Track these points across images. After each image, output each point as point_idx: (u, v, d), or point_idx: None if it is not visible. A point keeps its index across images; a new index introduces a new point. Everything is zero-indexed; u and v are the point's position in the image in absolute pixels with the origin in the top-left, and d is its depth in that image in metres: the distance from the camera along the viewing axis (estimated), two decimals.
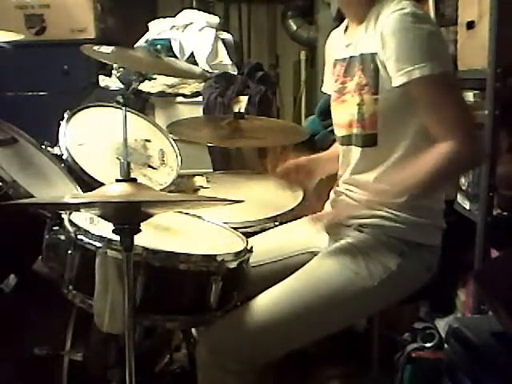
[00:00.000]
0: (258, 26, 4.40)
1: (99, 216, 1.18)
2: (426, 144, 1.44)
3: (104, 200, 1.14)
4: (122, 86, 2.95)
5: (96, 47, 2.02)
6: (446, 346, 1.75)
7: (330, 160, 1.78)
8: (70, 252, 1.39)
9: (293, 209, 1.88)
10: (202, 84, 2.95)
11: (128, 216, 1.14)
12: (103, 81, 3.14)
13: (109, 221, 1.15)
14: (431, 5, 2.24)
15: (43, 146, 1.89)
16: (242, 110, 2.61)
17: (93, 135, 1.95)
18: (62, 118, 1.93)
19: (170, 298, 1.37)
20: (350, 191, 1.57)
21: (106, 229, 1.25)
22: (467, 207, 1.97)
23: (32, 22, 3.32)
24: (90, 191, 1.34)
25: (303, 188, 1.96)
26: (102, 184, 1.58)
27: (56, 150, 1.89)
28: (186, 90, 2.97)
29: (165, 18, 3.34)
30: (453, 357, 1.66)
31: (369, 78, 1.45)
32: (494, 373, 1.48)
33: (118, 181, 1.17)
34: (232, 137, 2.04)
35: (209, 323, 1.43)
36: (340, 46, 1.60)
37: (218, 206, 1.65)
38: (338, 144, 1.63)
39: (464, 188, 1.99)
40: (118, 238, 1.15)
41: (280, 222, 1.79)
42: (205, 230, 1.65)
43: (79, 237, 1.37)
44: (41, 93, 3.32)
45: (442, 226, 1.55)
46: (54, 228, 1.49)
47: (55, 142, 1.89)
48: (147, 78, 2.90)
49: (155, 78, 2.96)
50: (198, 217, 1.69)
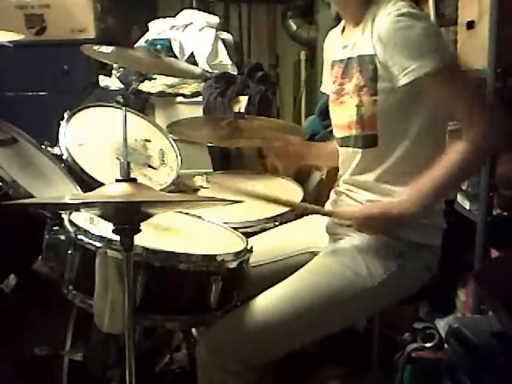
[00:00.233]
0: (258, 26, 4.40)
1: (99, 216, 1.18)
2: (426, 143, 1.45)
3: (104, 200, 1.14)
4: (122, 85, 2.95)
5: (96, 47, 2.02)
6: (446, 346, 1.75)
7: (324, 151, 1.80)
8: (69, 252, 1.39)
9: (293, 209, 1.88)
10: (202, 84, 2.94)
11: (128, 216, 1.14)
12: (103, 81, 3.13)
13: (109, 221, 1.15)
14: (431, 5, 2.24)
15: (43, 146, 1.89)
16: (242, 110, 2.61)
17: (93, 135, 1.95)
18: (62, 118, 1.93)
19: (170, 298, 1.37)
20: (350, 191, 1.57)
21: (106, 229, 1.25)
22: (467, 207, 1.97)
23: (32, 22, 3.32)
24: (90, 191, 1.34)
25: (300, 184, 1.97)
26: (102, 184, 1.58)
27: (56, 150, 1.89)
28: (186, 90, 2.97)
29: (165, 17, 3.34)
30: (453, 357, 1.66)
31: (367, 80, 1.46)
32: (493, 373, 1.48)
33: (118, 181, 1.17)
34: (232, 137, 2.03)
35: (209, 323, 1.43)
36: (337, 46, 1.60)
37: (218, 206, 1.65)
38: (337, 145, 1.63)
39: (464, 188, 1.99)
40: (117, 238, 1.15)
41: (280, 222, 1.79)
42: (205, 230, 1.65)
43: (79, 237, 1.37)
44: (41, 93, 3.32)
45: (442, 225, 1.55)
46: (54, 228, 1.49)
47: (55, 142, 1.89)
48: (147, 78, 2.90)
49: (155, 78, 2.95)
50: (198, 217, 1.69)
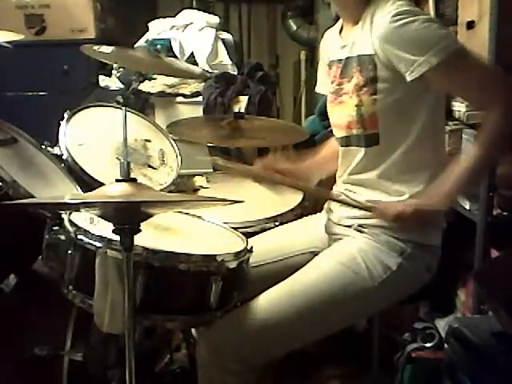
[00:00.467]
0: (258, 26, 4.39)
1: (99, 216, 1.18)
2: (428, 140, 1.46)
3: (104, 200, 1.14)
4: (122, 85, 2.94)
5: (96, 47, 2.02)
6: (446, 345, 1.75)
7: (324, 163, 1.76)
8: (70, 252, 1.39)
9: (293, 209, 1.89)
10: (202, 84, 2.94)
11: (128, 216, 1.14)
12: (103, 81, 3.13)
13: (109, 221, 1.15)
14: (431, 5, 2.24)
15: (43, 146, 1.89)
16: (242, 110, 2.61)
17: (93, 135, 1.95)
18: (62, 118, 1.93)
19: (169, 297, 1.37)
20: (349, 191, 1.57)
21: (106, 229, 1.25)
22: (467, 207, 1.97)
23: (32, 22, 3.32)
24: (90, 191, 1.34)
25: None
26: (102, 184, 1.58)
27: (56, 150, 1.89)
28: (186, 90, 2.97)
29: (165, 18, 3.34)
30: (453, 357, 1.66)
31: (367, 79, 1.45)
32: (494, 373, 1.48)
33: (118, 181, 1.17)
34: (232, 137, 2.04)
35: (209, 323, 1.43)
36: (335, 46, 1.59)
37: (218, 206, 1.65)
38: (338, 145, 1.63)
39: None
40: (117, 238, 1.15)
41: (280, 222, 1.79)
42: (205, 230, 1.65)
43: (79, 237, 1.37)
44: (41, 93, 3.32)
45: (442, 225, 1.55)
46: (54, 228, 1.49)
47: (55, 142, 1.89)
48: (147, 78, 2.90)
49: (155, 78, 2.95)
50: (198, 217, 1.69)
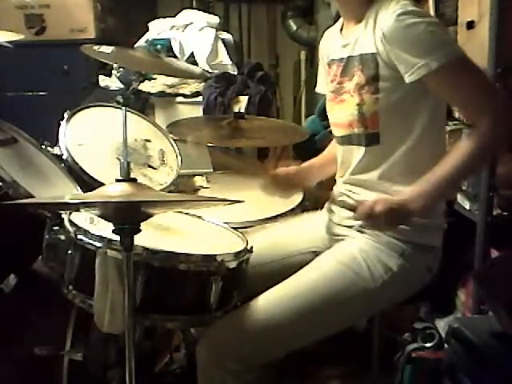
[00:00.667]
0: (258, 26, 4.39)
1: (99, 216, 1.18)
2: (428, 141, 1.46)
3: (104, 200, 1.14)
4: (121, 85, 2.95)
5: (96, 47, 2.02)
6: (446, 345, 1.75)
7: (324, 165, 1.76)
8: (70, 252, 1.39)
9: (293, 209, 1.88)
10: (202, 84, 2.94)
11: (128, 216, 1.14)
12: (103, 81, 3.13)
13: (109, 221, 1.15)
14: (431, 5, 2.24)
15: (43, 146, 1.89)
16: (242, 110, 2.61)
17: (93, 135, 1.95)
18: (62, 118, 1.93)
19: (169, 298, 1.37)
20: (350, 191, 1.56)
21: (105, 229, 1.25)
22: (467, 207, 1.97)
23: (32, 22, 3.32)
24: (90, 191, 1.34)
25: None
26: (101, 184, 1.58)
27: (56, 150, 1.89)
28: (186, 90, 2.97)
29: (165, 18, 3.34)
30: (453, 357, 1.66)
31: (369, 78, 1.45)
32: (493, 373, 1.48)
33: (118, 181, 1.17)
34: (232, 137, 2.04)
35: (209, 323, 1.43)
36: (336, 45, 1.58)
37: (218, 206, 1.65)
38: (337, 144, 1.62)
39: (464, 188, 1.99)
40: (117, 238, 1.15)
41: (280, 222, 1.79)
42: (205, 230, 1.65)
43: (79, 237, 1.37)
44: (41, 93, 3.32)
45: (443, 226, 1.55)
46: (54, 228, 1.49)
47: (55, 142, 1.89)
48: (147, 78, 2.90)
49: (155, 78, 2.95)
50: (198, 217, 1.69)
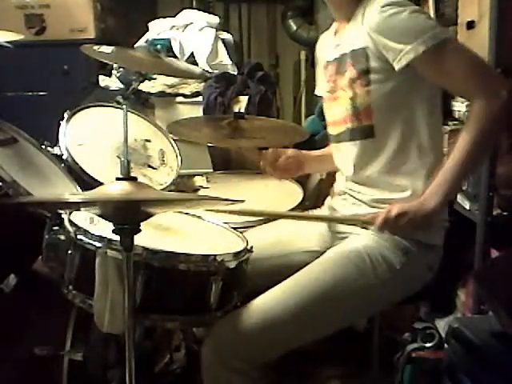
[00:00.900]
0: (258, 26, 4.39)
1: (99, 215, 1.18)
2: (423, 131, 1.46)
3: (104, 198, 1.13)
4: (121, 85, 2.94)
5: (96, 47, 2.02)
6: (446, 345, 1.75)
7: (320, 159, 1.79)
8: (70, 252, 1.39)
9: (293, 209, 1.88)
10: (202, 84, 2.94)
11: (128, 215, 1.14)
12: (103, 81, 3.13)
13: (109, 220, 1.15)
14: (431, 5, 2.24)
15: (43, 146, 1.89)
16: (242, 110, 2.61)
17: (93, 135, 1.95)
18: (62, 118, 1.93)
19: (169, 297, 1.37)
20: (353, 190, 1.57)
21: (105, 229, 1.25)
22: (467, 207, 1.97)
23: (32, 22, 3.31)
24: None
25: (300, 184, 1.96)
26: (101, 184, 1.58)
27: (56, 150, 1.89)
28: (186, 90, 2.97)
29: (165, 18, 3.34)
30: (453, 357, 1.66)
31: (360, 72, 1.47)
32: (493, 373, 1.48)
33: (118, 179, 1.17)
34: (232, 137, 2.03)
35: (209, 323, 1.43)
36: (330, 47, 1.62)
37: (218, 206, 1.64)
38: (334, 144, 1.63)
39: (464, 188, 1.99)
40: (117, 237, 1.15)
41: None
42: (205, 230, 1.65)
43: (79, 237, 1.37)
44: (41, 93, 3.32)
45: (445, 225, 1.55)
46: (54, 228, 1.49)
47: (55, 142, 1.89)
48: (147, 78, 2.90)
49: (155, 78, 2.95)
50: (198, 217, 1.69)
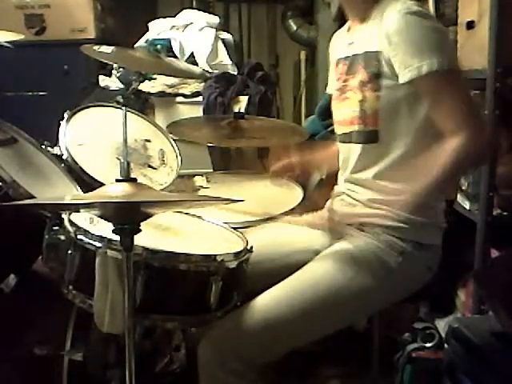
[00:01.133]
0: (258, 26, 4.40)
1: (99, 216, 1.18)
2: (427, 142, 1.44)
3: (104, 200, 1.13)
4: (122, 85, 2.95)
5: (96, 47, 2.02)
6: (446, 345, 1.75)
7: (327, 158, 1.79)
8: (70, 252, 1.39)
9: (293, 209, 1.88)
10: (202, 84, 2.95)
11: (128, 216, 1.14)
12: (103, 81, 3.13)
13: (109, 221, 1.15)
14: (431, 5, 2.25)
15: (43, 146, 1.89)
16: (242, 110, 2.61)
17: (93, 135, 1.95)
18: (62, 118, 1.93)
19: (170, 297, 1.37)
20: (351, 190, 1.57)
21: (105, 229, 1.25)
22: (467, 207, 1.97)
23: (32, 22, 3.32)
24: (90, 191, 1.34)
25: (300, 185, 1.96)
26: (102, 184, 1.58)
27: (56, 150, 1.89)
28: (186, 90, 2.97)
29: (165, 18, 3.34)
30: (453, 357, 1.66)
31: (371, 76, 1.46)
32: (493, 373, 1.48)
33: (118, 181, 1.17)
34: (232, 137, 2.04)
35: (209, 323, 1.43)
36: (343, 44, 1.61)
37: (218, 206, 1.65)
38: (339, 142, 1.63)
39: (464, 188, 1.99)
40: (117, 238, 1.15)
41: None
42: (205, 230, 1.64)
43: (79, 237, 1.37)
44: (41, 93, 3.32)
45: (442, 225, 1.55)
46: (54, 228, 1.48)
47: (55, 142, 1.89)
48: (147, 78, 2.90)
49: (155, 78, 2.95)
50: (198, 217, 1.69)
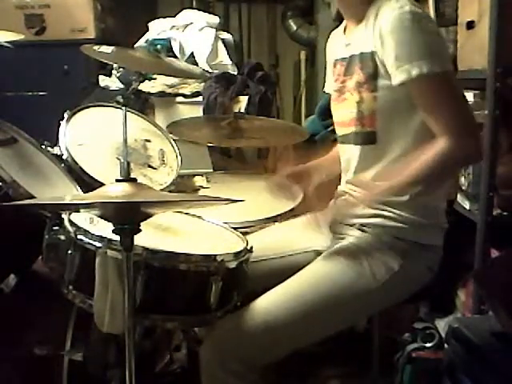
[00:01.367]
0: (258, 26, 4.40)
1: (99, 216, 1.18)
2: (424, 143, 1.44)
3: (104, 200, 1.14)
4: (122, 85, 2.94)
5: (96, 47, 2.02)
6: (446, 345, 1.75)
7: (330, 164, 1.77)
8: (70, 252, 1.39)
9: (293, 209, 1.88)
10: (202, 84, 2.94)
11: (128, 216, 1.14)
12: (103, 81, 3.13)
13: (109, 221, 1.15)
14: (431, 5, 2.24)
15: (43, 146, 1.89)
16: (242, 110, 2.61)
17: (93, 135, 1.95)
18: (62, 118, 1.93)
19: (170, 297, 1.37)
20: (353, 191, 1.57)
21: (105, 229, 1.25)
22: (467, 207, 1.97)
23: (32, 21, 3.32)
24: (90, 191, 1.34)
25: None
26: (102, 184, 1.58)
27: (56, 150, 1.89)
28: (186, 90, 2.97)
29: (165, 18, 3.34)
30: (453, 357, 1.66)
31: (368, 76, 1.46)
32: (493, 373, 1.48)
33: (118, 181, 1.17)
34: (232, 137, 2.04)
35: (209, 323, 1.43)
36: (340, 45, 1.60)
37: (218, 206, 1.64)
38: (339, 143, 1.63)
39: (464, 188, 1.99)
40: (117, 238, 1.15)
41: (280, 223, 1.79)
42: (205, 230, 1.65)
43: (79, 237, 1.37)
44: (41, 93, 3.32)
45: (444, 226, 1.55)
46: (54, 228, 1.48)
47: (55, 142, 1.89)
48: (147, 78, 2.90)
49: (155, 78, 2.95)
50: (198, 217, 1.69)
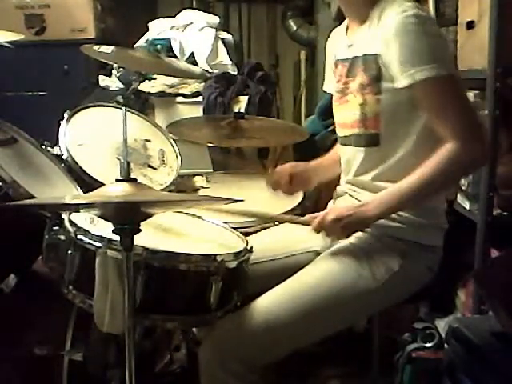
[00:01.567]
0: (258, 26, 4.40)
1: (99, 216, 1.18)
2: (428, 145, 1.43)
3: (104, 200, 1.14)
4: (122, 85, 2.94)
5: (96, 47, 2.03)
6: (446, 345, 1.75)
7: (329, 166, 1.77)
8: (70, 252, 1.39)
9: (293, 209, 1.89)
10: (202, 84, 2.95)
11: (128, 216, 1.14)
12: (103, 81, 3.13)
13: (109, 221, 1.15)
14: (431, 5, 2.24)
15: (43, 146, 1.89)
16: (242, 110, 2.61)
17: (93, 135, 1.95)
18: (62, 118, 1.93)
19: (170, 297, 1.37)
20: (353, 191, 1.57)
21: (105, 229, 1.25)
22: (467, 207, 1.97)
23: (32, 22, 3.32)
24: (90, 191, 1.34)
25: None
26: (102, 184, 1.58)
27: (56, 150, 1.89)
28: (186, 90, 2.97)
29: (165, 18, 3.34)
30: (453, 357, 1.66)
31: (371, 79, 1.45)
32: (493, 373, 1.48)
33: (118, 181, 1.17)
34: (232, 137, 2.04)
35: (209, 323, 1.43)
36: (342, 45, 1.59)
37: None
38: (340, 144, 1.63)
39: (464, 188, 1.99)
40: (117, 238, 1.15)
41: (280, 222, 1.79)
42: (205, 230, 1.65)
43: (79, 237, 1.37)
44: (41, 93, 3.32)
45: (444, 226, 1.55)
46: (54, 228, 1.48)
47: (55, 142, 1.89)
48: (147, 78, 2.90)
49: (155, 78, 2.95)
50: (198, 217, 1.69)
